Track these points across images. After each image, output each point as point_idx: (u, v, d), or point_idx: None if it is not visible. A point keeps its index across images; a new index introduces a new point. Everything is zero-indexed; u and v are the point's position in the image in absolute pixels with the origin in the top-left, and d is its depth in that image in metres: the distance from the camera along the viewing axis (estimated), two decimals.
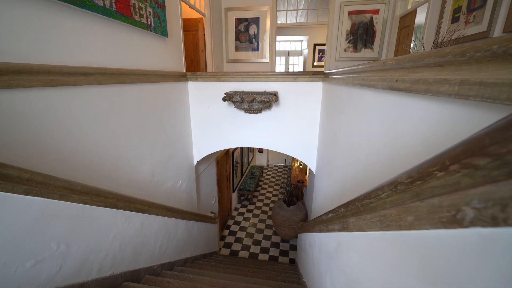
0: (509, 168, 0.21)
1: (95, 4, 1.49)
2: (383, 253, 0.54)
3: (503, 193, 0.22)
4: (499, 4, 1.77)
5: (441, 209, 0.29)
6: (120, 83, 1.70)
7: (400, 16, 3.71)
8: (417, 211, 0.36)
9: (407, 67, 0.68)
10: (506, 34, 0.40)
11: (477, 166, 0.24)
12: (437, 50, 0.57)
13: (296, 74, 2.59)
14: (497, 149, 0.21)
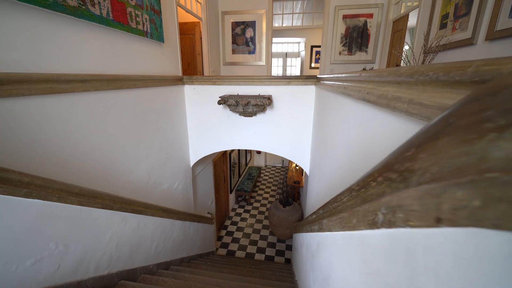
0: (406, 182, 0.27)
1: (92, 14, 1.55)
2: (342, 251, 0.60)
3: (394, 202, 0.28)
4: (482, 13, 1.84)
5: (369, 213, 0.34)
6: (116, 88, 1.75)
7: (393, 20, 3.79)
8: (357, 214, 0.42)
9: (376, 81, 0.75)
10: (443, 63, 0.46)
11: (391, 179, 0.30)
12: (395, 69, 0.64)
13: (290, 78, 2.65)
14: (399, 167, 0.27)
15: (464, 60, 0.39)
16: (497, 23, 1.70)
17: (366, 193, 0.39)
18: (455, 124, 0.19)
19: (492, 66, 0.31)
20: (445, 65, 0.42)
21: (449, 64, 0.41)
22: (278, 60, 9.15)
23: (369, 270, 0.40)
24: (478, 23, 1.88)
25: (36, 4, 1.20)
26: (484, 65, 0.32)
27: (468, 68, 0.34)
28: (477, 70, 0.33)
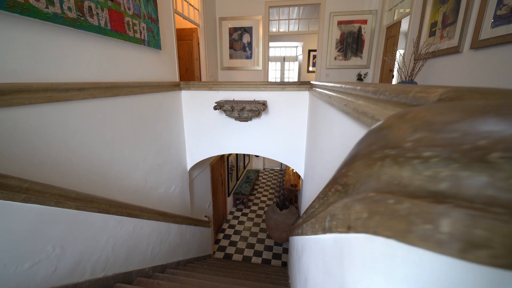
0: (346, 194, 0.32)
1: (91, 25, 1.61)
2: (313, 253, 0.65)
3: (332, 211, 0.33)
4: (467, 22, 1.91)
5: (323, 220, 0.39)
6: (114, 95, 1.81)
7: (387, 27, 3.87)
8: (318, 220, 0.47)
9: (352, 94, 0.80)
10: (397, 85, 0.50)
11: (339, 190, 0.35)
12: (366, 84, 0.69)
13: (284, 84, 2.72)
14: (341, 181, 0.33)
15: (412, 85, 0.45)
16: (481, 32, 1.76)
17: (327, 201, 0.44)
18: (362, 152, 0.24)
19: (424, 93, 0.36)
20: (397, 87, 0.48)
21: (400, 87, 0.47)
22: (276, 64, 9.24)
23: (326, 270, 0.45)
24: (463, 32, 1.95)
25: (37, 18, 1.26)
26: (419, 92, 0.38)
27: (410, 93, 0.40)
28: (414, 95, 0.39)
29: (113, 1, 1.83)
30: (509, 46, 1.54)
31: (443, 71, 2.23)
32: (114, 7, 1.84)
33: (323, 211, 0.42)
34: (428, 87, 0.37)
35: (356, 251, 0.22)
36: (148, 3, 2.27)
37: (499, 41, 1.59)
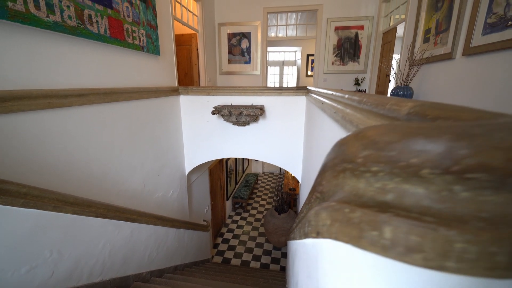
0: (322, 200, 0.34)
1: (90, 32, 1.65)
2: (301, 258, 0.67)
3: (309, 217, 0.35)
4: (459, 29, 1.95)
5: (303, 225, 0.42)
6: (112, 101, 1.84)
7: (383, 32, 3.92)
8: (301, 225, 0.49)
9: (341, 102, 0.83)
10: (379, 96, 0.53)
11: (318, 197, 0.37)
12: (353, 93, 0.72)
13: (281, 89, 2.75)
14: (318, 188, 0.35)
15: (388, 98, 0.47)
16: (472, 39, 1.80)
17: (310, 207, 0.46)
18: (329, 163, 0.26)
19: (397, 106, 0.39)
20: (377, 98, 0.50)
21: (380, 98, 0.49)
22: (275, 69, 9.32)
23: (308, 274, 0.47)
24: (456, 39, 1.99)
25: (37, 26, 1.29)
26: (394, 105, 0.40)
27: (386, 105, 0.43)
28: (390, 107, 0.41)
29: (113, 9, 1.87)
30: (499, 53, 1.58)
31: (437, 76, 2.26)
32: (114, 15, 1.88)
33: (304, 217, 0.44)
34: (401, 101, 0.39)
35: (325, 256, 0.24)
36: (148, 11, 2.31)
37: (490, 48, 1.63)
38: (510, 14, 1.51)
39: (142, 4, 2.22)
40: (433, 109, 0.29)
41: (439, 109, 0.28)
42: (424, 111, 0.29)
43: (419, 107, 0.31)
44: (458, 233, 0.16)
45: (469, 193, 0.17)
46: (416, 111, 0.32)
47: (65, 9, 1.45)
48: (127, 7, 2.02)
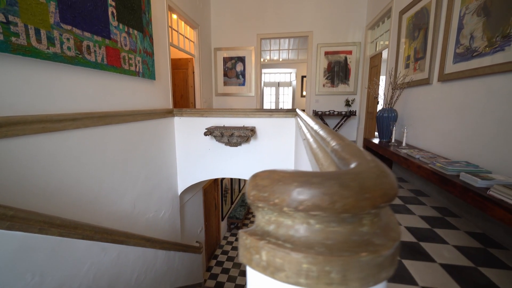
0: None
1: (88, 61, 1.77)
2: None
3: None
4: (434, 57, 2.09)
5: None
6: (106, 124, 1.91)
7: (370, 57, 4.14)
8: None
9: (311, 131, 0.90)
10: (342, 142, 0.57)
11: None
12: (323, 128, 0.78)
13: (272, 111, 2.86)
14: None
15: (332, 134, 0.54)
16: (445, 67, 1.93)
17: None
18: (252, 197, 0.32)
19: (326, 144, 0.45)
20: (330, 135, 0.57)
21: (326, 135, 0.56)
22: (271, 89, 9.61)
23: None
24: (431, 66, 2.12)
25: (38, 57, 1.40)
26: (326, 142, 0.47)
27: (328, 147, 0.49)
28: (326, 144, 0.48)
29: (111, 39, 2.01)
30: (467, 80, 1.70)
31: (417, 99, 2.38)
32: (112, 45, 2.01)
33: None
34: (332, 138, 0.46)
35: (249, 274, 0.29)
36: (145, 39, 2.47)
37: (460, 76, 1.75)
38: (474, 46, 1.64)
39: (140, 34, 2.38)
40: (343, 151, 0.35)
41: (346, 152, 0.35)
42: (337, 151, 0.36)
43: (337, 147, 0.37)
44: (304, 256, 0.22)
45: (320, 225, 0.23)
46: (334, 149, 0.39)
47: (65, 41, 1.57)
48: (124, 37, 2.17)
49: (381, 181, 0.24)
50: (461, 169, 1.43)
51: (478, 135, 1.59)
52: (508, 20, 1.40)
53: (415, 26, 2.46)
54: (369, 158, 0.30)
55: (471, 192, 1.19)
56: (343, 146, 0.37)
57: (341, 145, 0.38)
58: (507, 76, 1.40)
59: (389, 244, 0.23)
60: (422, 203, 1.92)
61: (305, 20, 4.44)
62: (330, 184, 0.22)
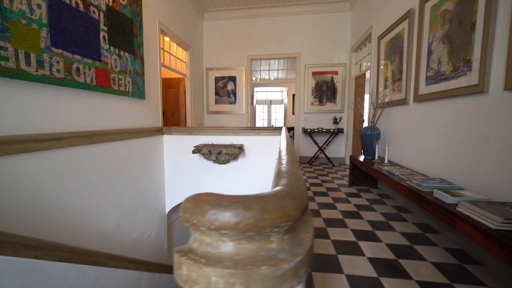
0: None
1: (77, 82, 1.82)
2: None
3: None
4: (409, 79, 2.23)
5: None
6: (92, 143, 1.93)
7: (355, 77, 4.34)
8: None
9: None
10: None
11: None
12: (282, 149, 0.83)
13: (259, 129, 2.92)
14: None
15: (282, 171, 0.58)
16: (419, 88, 2.06)
17: None
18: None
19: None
20: (279, 172, 0.61)
21: (279, 172, 0.60)
22: (264, 107, 9.82)
23: None
24: (407, 87, 2.25)
25: (26, 79, 1.44)
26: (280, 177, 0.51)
27: (276, 168, 0.53)
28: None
29: (101, 61, 2.08)
30: (438, 101, 1.81)
31: (397, 118, 2.49)
32: (102, 66, 2.08)
33: None
34: (280, 175, 0.50)
35: None
36: (135, 61, 2.56)
37: (431, 97, 1.86)
38: (442, 70, 1.77)
39: (131, 56, 2.47)
40: (277, 176, 0.40)
41: (278, 176, 0.39)
42: (276, 174, 0.40)
43: (277, 170, 0.42)
44: (212, 270, 0.25)
45: (232, 243, 0.27)
46: (275, 172, 0.44)
47: (54, 64, 1.62)
48: (115, 59, 2.25)
49: (284, 204, 0.28)
50: (435, 186, 1.49)
51: (450, 152, 1.67)
52: (468, 48, 1.53)
53: (391, 50, 2.64)
54: (289, 182, 0.34)
55: (442, 208, 1.24)
56: (280, 170, 0.42)
57: (279, 168, 0.43)
58: (470, 98, 1.51)
59: (291, 259, 0.27)
60: (404, 219, 1.96)
61: (293, 42, 4.67)
62: (235, 206, 0.26)
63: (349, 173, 3.04)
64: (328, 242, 1.59)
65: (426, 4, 1.99)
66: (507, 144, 1.26)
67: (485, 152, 1.39)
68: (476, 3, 1.48)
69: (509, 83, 1.24)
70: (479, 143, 1.42)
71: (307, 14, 4.56)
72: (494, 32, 1.36)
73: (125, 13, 2.38)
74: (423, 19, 2.02)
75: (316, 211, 2.13)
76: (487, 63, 1.38)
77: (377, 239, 1.63)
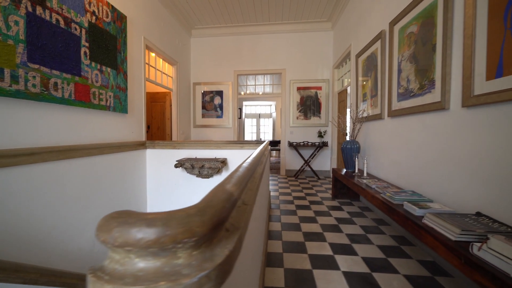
0: None
1: (54, 97, 1.81)
2: None
3: None
4: (383, 96, 2.33)
5: None
6: (68, 158, 1.89)
7: (338, 92, 4.49)
8: None
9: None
10: None
11: None
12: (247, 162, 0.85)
13: (242, 143, 2.95)
14: None
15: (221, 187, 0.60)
16: (392, 104, 2.16)
17: None
18: None
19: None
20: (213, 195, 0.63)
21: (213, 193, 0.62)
22: (253, 120, 9.93)
23: None
24: (382, 103, 2.36)
25: None
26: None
27: None
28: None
29: (81, 76, 2.09)
30: (409, 116, 1.90)
31: (375, 132, 2.58)
32: (82, 81, 2.08)
33: None
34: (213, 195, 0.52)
35: None
36: (118, 76, 2.58)
37: (403, 112, 1.95)
38: (410, 87, 1.88)
39: (113, 71, 2.49)
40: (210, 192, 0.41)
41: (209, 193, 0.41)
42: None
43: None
44: (112, 287, 0.26)
45: (138, 259, 0.28)
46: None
47: (30, 79, 1.62)
48: (96, 74, 2.26)
49: (188, 220, 0.29)
50: (406, 198, 1.54)
51: (421, 165, 1.74)
52: (431, 67, 1.64)
53: (368, 68, 2.77)
54: (207, 199, 0.36)
55: (410, 220, 1.28)
56: (217, 186, 0.43)
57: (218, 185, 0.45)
58: (435, 114, 1.60)
59: (194, 274, 0.28)
60: (382, 232, 1.98)
61: (279, 58, 4.83)
62: (139, 224, 0.28)
63: (332, 186, 3.07)
64: (305, 256, 1.58)
65: (394, 27, 2.13)
66: (465, 158, 1.33)
67: (448, 166, 1.46)
68: (435, 27, 1.60)
69: (466, 100, 1.33)
70: (444, 156, 1.49)
71: (291, 32, 4.76)
72: (451, 54, 1.47)
73: (108, 29, 2.42)
74: (393, 40, 2.15)
75: (296, 225, 2.13)
76: (447, 82, 1.48)
77: (354, 252, 1.64)
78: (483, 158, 1.23)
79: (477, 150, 1.27)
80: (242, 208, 0.52)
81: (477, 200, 1.26)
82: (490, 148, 1.19)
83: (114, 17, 2.51)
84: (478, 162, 1.27)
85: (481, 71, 1.24)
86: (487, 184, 1.20)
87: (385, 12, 2.35)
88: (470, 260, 0.88)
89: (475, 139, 1.29)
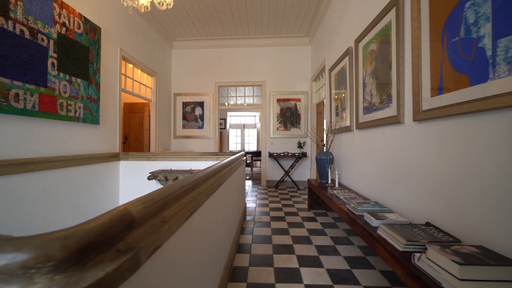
0: None
1: (14, 108, 1.75)
2: None
3: None
4: (352, 109, 2.43)
5: None
6: (27, 171, 1.81)
7: (316, 104, 4.62)
8: None
9: None
10: None
11: None
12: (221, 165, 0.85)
13: (218, 154, 2.95)
14: None
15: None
16: (359, 117, 2.25)
17: None
18: None
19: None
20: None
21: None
22: (237, 131, 9.95)
23: None
24: (352, 116, 2.45)
25: None
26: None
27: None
28: None
29: (47, 87, 2.03)
30: (373, 128, 1.98)
31: (346, 143, 2.66)
32: (47, 92, 2.03)
33: None
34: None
35: None
36: (90, 87, 2.53)
37: (367, 125, 2.04)
38: (373, 101, 1.97)
39: (84, 82, 2.44)
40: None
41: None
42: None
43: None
44: None
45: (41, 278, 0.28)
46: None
47: None
48: (64, 85, 2.21)
49: (46, 245, 0.29)
50: (367, 209, 1.58)
51: (383, 176, 1.80)
52: (388, 83, 1.73)
53: (339, 81, 2.89)
54: (89, 221, 0.36)
55: (367, 231, 1.31)
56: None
57: None
58: (393, 127, 1.68)
59: None
60: (351, 242, 2.01)
61: (259, 71, 4.93)
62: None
63: (308, 197, 3.10)
64: (270, 270, 1.57)
65: (359, 44, 2.25)
66: (416, 169, 1.40)
67: (403, 177, 1.53)
68: (390, 46, 1.71)
69: (416, 115, 1.41)
70: (401, 168, 1.56)
71: (271, 46, 4.91)
72: (403, 71, 1.57)
73: (79, 41, 2.40)
74: (358, 57, 2.27)
75: (268, 238, 2.12)
76: (401, 97, 1.57)
77: (320, 264, 1.65)
78: (429, 169, 1.30)
79: (426, 162, 1.34)
80: (155, 226, 0.52)
81: (427, 210, 1.32)
82: (437, 161, 1.26)
83: (87, 29, 2.49)
84: (425, 173, 1.33)
85: (427, 87, 1.33)
86: (435, 195, 1.26)
87: (352, 30, 2.48)
88: (411, 271, 0.91)
89: (424, 152, 1.36)
